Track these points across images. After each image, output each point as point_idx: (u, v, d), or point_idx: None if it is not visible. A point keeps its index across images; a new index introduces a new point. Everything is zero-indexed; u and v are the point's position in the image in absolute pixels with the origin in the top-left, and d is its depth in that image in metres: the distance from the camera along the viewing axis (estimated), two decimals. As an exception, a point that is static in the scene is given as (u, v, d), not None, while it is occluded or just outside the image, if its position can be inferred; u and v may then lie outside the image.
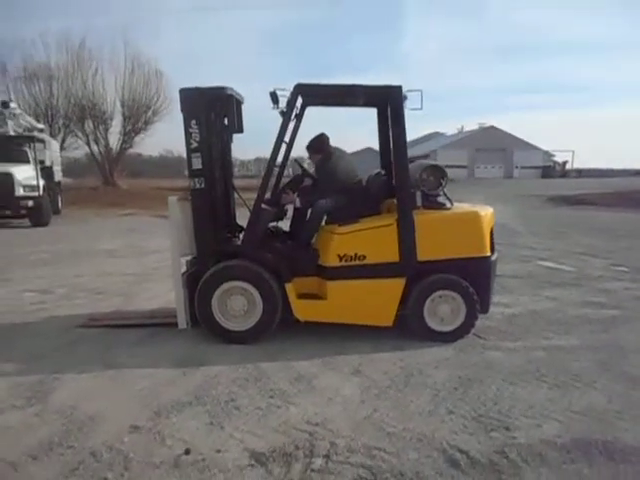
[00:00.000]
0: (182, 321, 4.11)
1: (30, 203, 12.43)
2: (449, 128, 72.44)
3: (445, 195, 4.10)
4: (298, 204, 4.31)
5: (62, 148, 25.94)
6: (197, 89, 3.98)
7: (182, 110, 4.05)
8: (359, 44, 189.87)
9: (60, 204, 16.70)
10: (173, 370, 3.47)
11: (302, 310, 3.99)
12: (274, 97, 3.91)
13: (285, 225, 4.59)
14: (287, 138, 3.98)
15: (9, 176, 12.18)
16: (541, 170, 47.59)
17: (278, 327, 4.01)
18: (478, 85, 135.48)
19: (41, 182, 12.94)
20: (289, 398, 3.04)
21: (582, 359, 3.63)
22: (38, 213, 12.69)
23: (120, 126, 26.79)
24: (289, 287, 3.96)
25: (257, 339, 3.95)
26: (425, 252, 3.91)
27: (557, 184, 31.89)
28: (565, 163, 50.99)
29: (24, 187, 12.36)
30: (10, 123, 14.11)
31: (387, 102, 4.03)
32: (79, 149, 28.30)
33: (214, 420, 2.78)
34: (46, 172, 14.52)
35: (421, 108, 3.93)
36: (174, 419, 2.79)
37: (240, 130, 4.38)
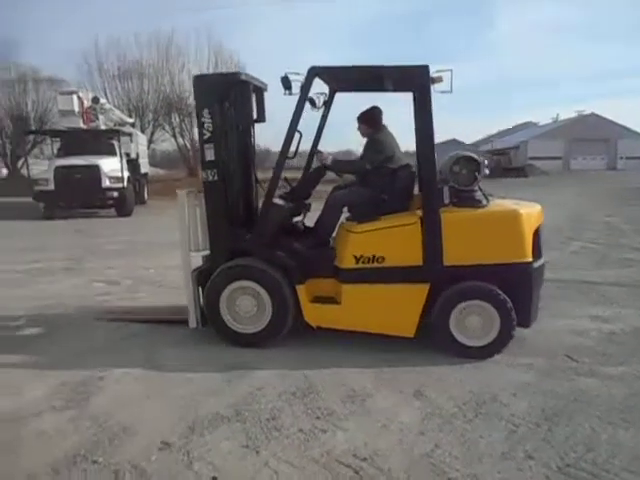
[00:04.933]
0: (193, 320, 3.90)
1: (115, 194, 13.00)
2: (544, 117, 67.95)
3: (481, 191, 3.55)
4: (329, 161, 3.87)
5: (151, 141, 27.27)
6: (208, 76, 3.75)
7: (195, 99, 3.84)
8: (446, 31, 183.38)
9: (146, 195, 17.43)
10: (219, 376, 3.23)
11: (314, 315, 3.65)
12: (286, 82, 3.53)
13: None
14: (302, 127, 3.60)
15: (96, 168, 12.79)
16: (650, 161, 43.08)
17: (324, 330, 3.67)
18: (575, 71, 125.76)
19: (126, 174, 13.48)
20: (337, 421, 2.67)
21: None
22: (122, 203, 13.24)
23: (204, 119, 27.47)
24: (301, 289, 3.63)
25: (267, 343, 3.68)
26: (453, 256, 3.41)
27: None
28: (679, 153, 45.70)
29: (110, 179, 12.92)
30: (101, 118, 14.81)
31: (413, 84, 3.54)
32: (166, 142, 29.50)
33: (250, 442, 2.48)
34: (132, 164, 15.14)
35: (451, 91, 3.43)
36: (208, 437, 2.53)
37: (261, 119, 4.10)
